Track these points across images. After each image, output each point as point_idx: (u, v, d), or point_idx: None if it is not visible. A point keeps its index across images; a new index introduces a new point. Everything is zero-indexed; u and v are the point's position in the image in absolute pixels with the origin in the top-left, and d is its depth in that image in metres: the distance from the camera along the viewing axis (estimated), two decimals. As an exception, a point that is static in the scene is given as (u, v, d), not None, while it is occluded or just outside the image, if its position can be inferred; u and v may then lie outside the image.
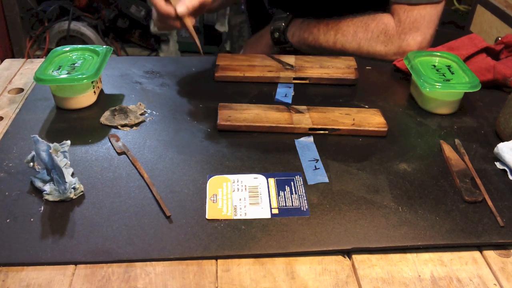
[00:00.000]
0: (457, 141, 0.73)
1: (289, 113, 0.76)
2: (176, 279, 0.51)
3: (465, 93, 0.79)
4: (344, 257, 0.55)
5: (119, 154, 0.68)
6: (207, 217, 0.58)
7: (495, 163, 0.69)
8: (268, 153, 0.69)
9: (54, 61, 0.80)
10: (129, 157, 0.67)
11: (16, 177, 0.63)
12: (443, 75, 0.80)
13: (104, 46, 0.83)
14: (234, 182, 0.64)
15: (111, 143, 0.70)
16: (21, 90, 0.85)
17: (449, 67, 0.83)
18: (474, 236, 0.57)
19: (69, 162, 0.63)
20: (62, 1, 2.30)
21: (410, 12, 0.91)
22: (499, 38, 0.93)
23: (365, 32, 0.94)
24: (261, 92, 0.85)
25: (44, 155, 0.60)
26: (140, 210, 0.59)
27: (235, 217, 0.58)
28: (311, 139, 0.72)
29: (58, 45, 2.26)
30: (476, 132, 0.76)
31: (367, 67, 0.93)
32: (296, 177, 0.65)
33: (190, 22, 0.80)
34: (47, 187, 0.60)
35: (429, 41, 0.94)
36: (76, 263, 0.52)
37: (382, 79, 0.91)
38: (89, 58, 0.81)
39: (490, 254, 0.56)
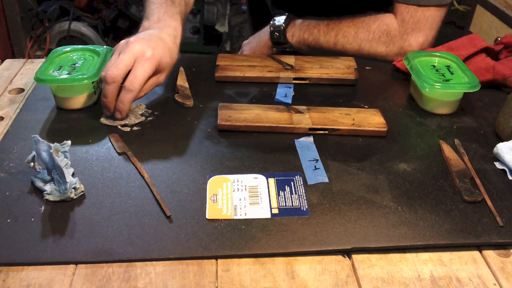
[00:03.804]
0: (456, 141, 0.73)
1: (289, 113, 0.76)
2: (176, 279, 0.51)
3: (465, 93, 0.79)
4: (344, 257, 0.55)
5: (119, 154, 0.68)
6: (207, 217, 0.58)
7: (495, 163, 0.69)
8: (268, 153, 0.69)
9: (54, 61, 0.80)
10: (130, 157, 0.67)
11: (17, 177, 0.63)
12: (443, 75, 0.80)
13: (105, 46, 0.83)
14: (234, 182, 0.64)
15: (111, 143, 0.70)
16: (22, 90, 0.85)
17: (448, 67, 0.83)
18: (474, 236, 0.57)
19: (69, 162, 0.63)
20: (63, 1, 2.30)
21: (414, 12, 0.91)
22: (499, 38, 0.93)
23: (366, 33, 0.94)
24: (261, 92, 0.85)
25: (44, 155, 0.60)
26: (140, 210, 0.59)
27: (235, 217, 0.58)
28: (311, 139, 0.72)
29: (58, 45, 2.26)
30: (475, 132, 0.76)
31: (367, 67, 0.93)
32: (296, 177, 0.65)
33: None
34: (48, 187, 0.60)
35: (431, 43, 0.94)
36: (76, 263, 0.53)
37: (382, 79, 0.91)
38: (90, 58, 0.81)
39: (490, 254, 0.56)
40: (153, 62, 0.72)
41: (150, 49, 0.72)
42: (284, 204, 0.60)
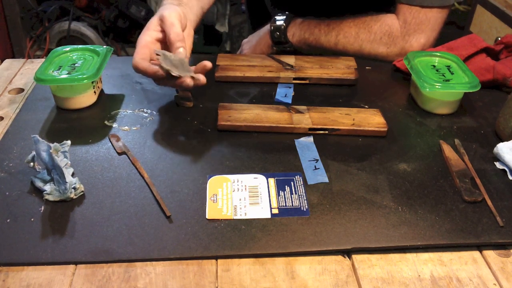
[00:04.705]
0: (456, 141, 0.73)
1: (289, 113, 0.76)
2: (176, 279, 0.51)
3: (465, 93, 0.79)
4: (344, 257, 0.55)
5: (119, 154, 0.68)
6: (207, 217, 0.58)
7: (495, 163, 0.69)
8: (268, 153, 0.69)
9: (54, 61, 0.80)
10: (129, 157, 0.67)
11: (17, 177, 0.63)
12: (443, 75, 0.80)
13: (105, 46, 0.83)
14: (234, 182, 0.64)
15: (111, 143, 0.70)
16: (22, 90, 0.85)
17: (448, 67, 0.83)
18: (474, 236, 0.57)
19: (69, 162, 0.63)
20: (63, 1, 2.30)
21: (416, 13, 0.91)
22: (499, 38, 0.93)
23: (367, 34, 0.94)
24: (261, 92, 0.85)
25: (44, 155, 0.60)
26: (140, 210, 0.59)
27: (235, 217, 0.58)
28: (311, 139, 0.72)
29: (58, 45, 2.27)
30: (475, 132, 0.76)
31: (367, 67, 0.93)
32: (296, 177, 0.65)
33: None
34: (48, 187, 0.60)
35: (432, 44, 0.94)
36: (76, 263, 0.53)
37: (382, 79, 0.91)
38: (90, 58, 0.81)
39: (490, 254, 0.56)
40: (148, 29, 0.76)
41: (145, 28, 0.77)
42: (284, 204, 0.60)
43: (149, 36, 0.76)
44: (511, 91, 0.84)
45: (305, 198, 0.61)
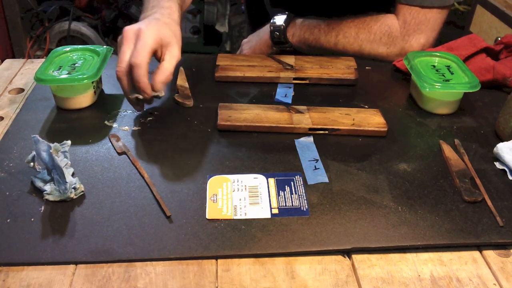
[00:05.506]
0: (456, 141, 0.73)
1: (289, 113, 0.76)
2: (176, 279, 0.51)
3: (465, 93, 0.79)
4: (344, 257, 0.55)
5: (119, 154, 0.68)
6: (207, 217, 0.58)
7: (495, 163, 0.69)
8: (268, 153, 0.69)
9: (54, 61, 0.80)
10: (130, 157, 0.67)
11: (17, 177, 0.63)
12: (443, 75, 0.80)
13: (105, 46, 0.83)
14: (234, 182, 0.64)
15: (111, 143, 0.70)
16: (22, 90, 0.85)
17: (448, 67, 0.83)
18: (474, 236, 0.57)
19: (69, 162, 0.63)
20: (63, 1, 2.30)
21: (416, 14, 0.91)
22: (499, 38, 0.93)
23: (367, 34, 0.94)
24: (261, 92, 0.85)
25: (44, 155, 0.60)
26: (140, 210, 0.59)
27: (235, 217, 0.58)
28: (311, 139, 0.72)
29: (58, 45, 2.27)
30: (475, 132, 0.76)
31: (367, 67, 0.93)
32: (296, 177, 0.65)
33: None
34: (48, 187, 0.60)
35: (431, 44, 0.94)
36: (76, 263, 0.53)
37: (382, 79, 0.91)
38: (90, 58, 0.81)
39: (490, 254, 0.56)
40: (149, 33, 0.71)
41: (143, 26, 0.72)
42: (284, 204, 0.60)
43: (156, 42, 0.71)
44: (511, 91, 0.84)
45: (305, 198, 0.61)
